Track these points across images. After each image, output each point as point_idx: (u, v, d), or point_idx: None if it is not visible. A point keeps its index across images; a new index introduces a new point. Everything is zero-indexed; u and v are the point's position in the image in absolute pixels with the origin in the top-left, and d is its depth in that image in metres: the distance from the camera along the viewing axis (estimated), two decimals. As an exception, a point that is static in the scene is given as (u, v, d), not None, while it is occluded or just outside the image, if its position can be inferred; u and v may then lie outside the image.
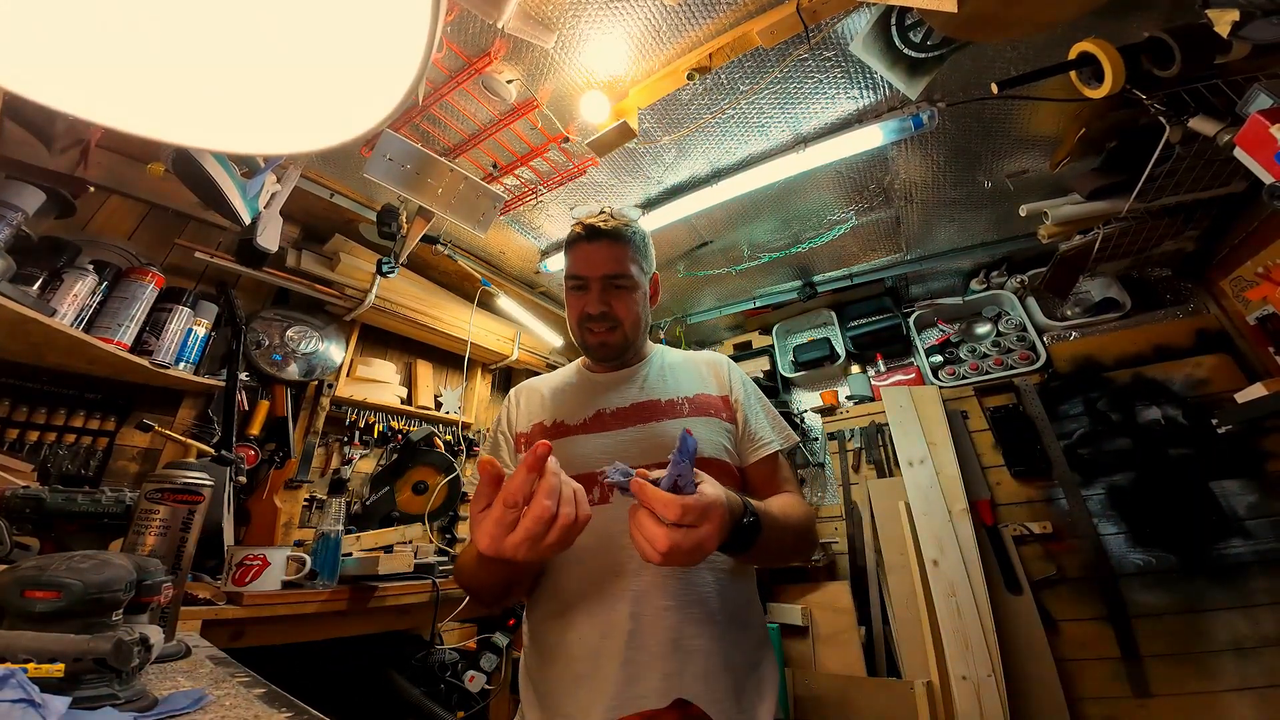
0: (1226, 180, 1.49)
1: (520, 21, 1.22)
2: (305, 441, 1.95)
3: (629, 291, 0.96)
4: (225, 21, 0.37)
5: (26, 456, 1.33)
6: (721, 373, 1.02)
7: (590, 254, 0.96)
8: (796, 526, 0.80)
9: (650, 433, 0.90)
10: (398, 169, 1.52)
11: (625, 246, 0.96)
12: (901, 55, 1.30)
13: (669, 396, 0.95)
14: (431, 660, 1.60)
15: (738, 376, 1.03)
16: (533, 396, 1.04)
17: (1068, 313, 2.30)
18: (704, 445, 0.87)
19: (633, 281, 0.96)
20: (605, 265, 0.94)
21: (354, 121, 0.41)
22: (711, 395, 0.97)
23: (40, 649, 0.44)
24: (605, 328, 0.96)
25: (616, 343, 0.97)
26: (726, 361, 1.06)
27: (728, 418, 0.94)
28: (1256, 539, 1.72)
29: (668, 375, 1.01)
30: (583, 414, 0.95)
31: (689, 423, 0.91)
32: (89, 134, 1.35)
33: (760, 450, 0.93)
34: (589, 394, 0.99)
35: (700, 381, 1.00)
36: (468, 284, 2.39)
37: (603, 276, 0.94)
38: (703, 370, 1.03)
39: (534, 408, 1.02)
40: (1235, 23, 1.03)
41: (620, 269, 0.95)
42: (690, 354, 1.09)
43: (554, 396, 1.02)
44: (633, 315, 0.97)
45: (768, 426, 0.96)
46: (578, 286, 0.97)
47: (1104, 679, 1.78)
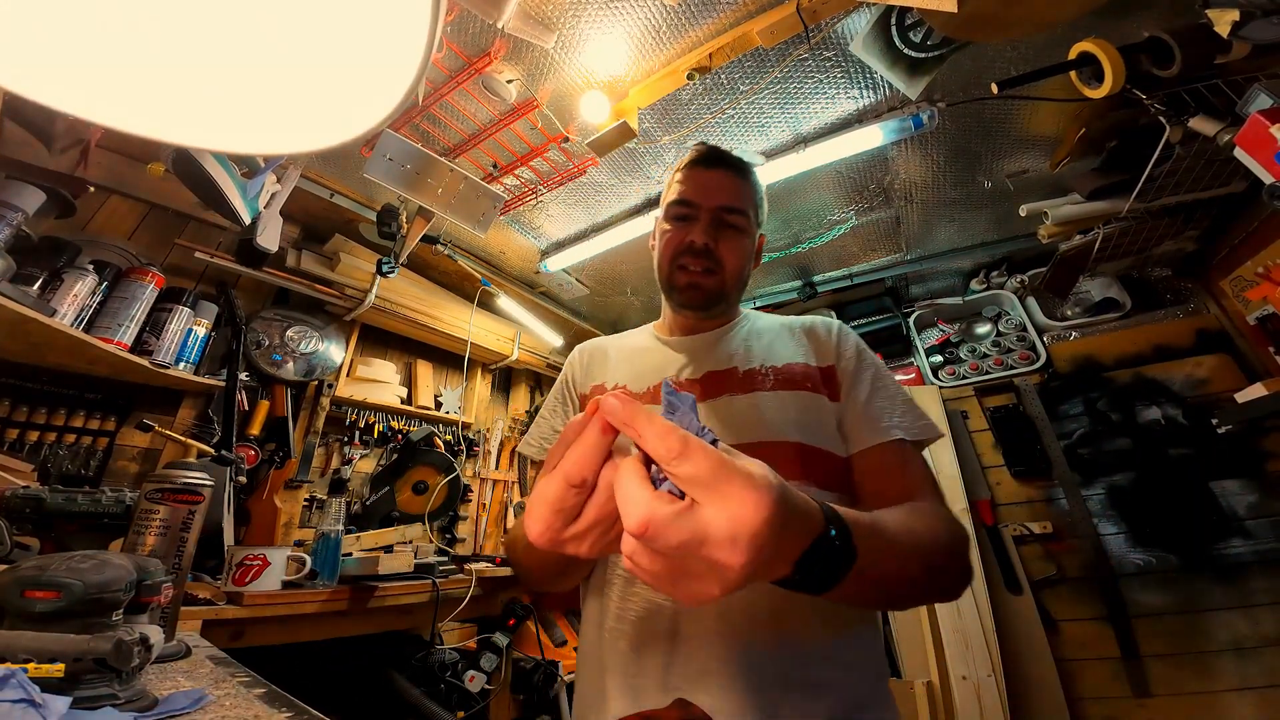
0: (1226, 180, 1.49)
1: (520, 21, 1.22)
2: (305, 441, 1.95)
3: (740, 234, 0.82)
4: (225, 21, 0.37)
5: (26, 456, 1.33)
6: (825, 338, 0.82)
7: (707, 180, 0.83)
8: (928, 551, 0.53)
9: (724, 410, 0.74)
10: (398, 169, 1.53)
11: (747, 183, 0.84)
12: (901, 55, 1.30)
13: (750, 366, 0.78)
14: (431, 660, 1.60)
15: (851, 343, 0.81)
16: (596, 355, 0.92)
17: (1068, 313, 2.30)
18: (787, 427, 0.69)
19: (747, 222, 0.83)
20: (722, 195, 0.81)
21: (354, 121, 0.40)
22: (808, 365, 0.78)
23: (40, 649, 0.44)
24: (703, 267, 0.81)
25: (711, 288, 0.81)
26: (837, 325, 0.84)
27: (830, 394, 0.74)
28: (1256, 539, 1.72)
29: (753, 341, 0.84)
30: (648, 380, 0.82)
31: (770, 398, 0.73)
32: (89, 134, 1.35)
33: (874, 435, 0.69)
34: (659, 358, 0.85)
35: (795, 348, 0.81)
36: (468, 284, 2.39)
37: (717, 208, 0.81)
38: (799, 335, 0.84)
39: (595, 367, 0.89)
40: (1235, 23, 1.03)
41: (738, 204, 0.82)
42: (789, 318, 0.89)
43: (620, 357, 0.89)
44: (737, 262, 0.82)
45: (889, 409, 0.72)
46: (683, 216, 0.83)
47: (1104, 679, 1.78)
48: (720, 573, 0.31)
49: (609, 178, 1.88)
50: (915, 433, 0.70)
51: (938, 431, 0.73)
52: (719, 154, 0.85)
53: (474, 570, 1.86)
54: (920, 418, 0.73)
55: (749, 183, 0.85)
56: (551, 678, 1.86)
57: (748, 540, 0.30)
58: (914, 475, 0.67)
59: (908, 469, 0.68)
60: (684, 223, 0.83)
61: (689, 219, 0.82)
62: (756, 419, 0.71)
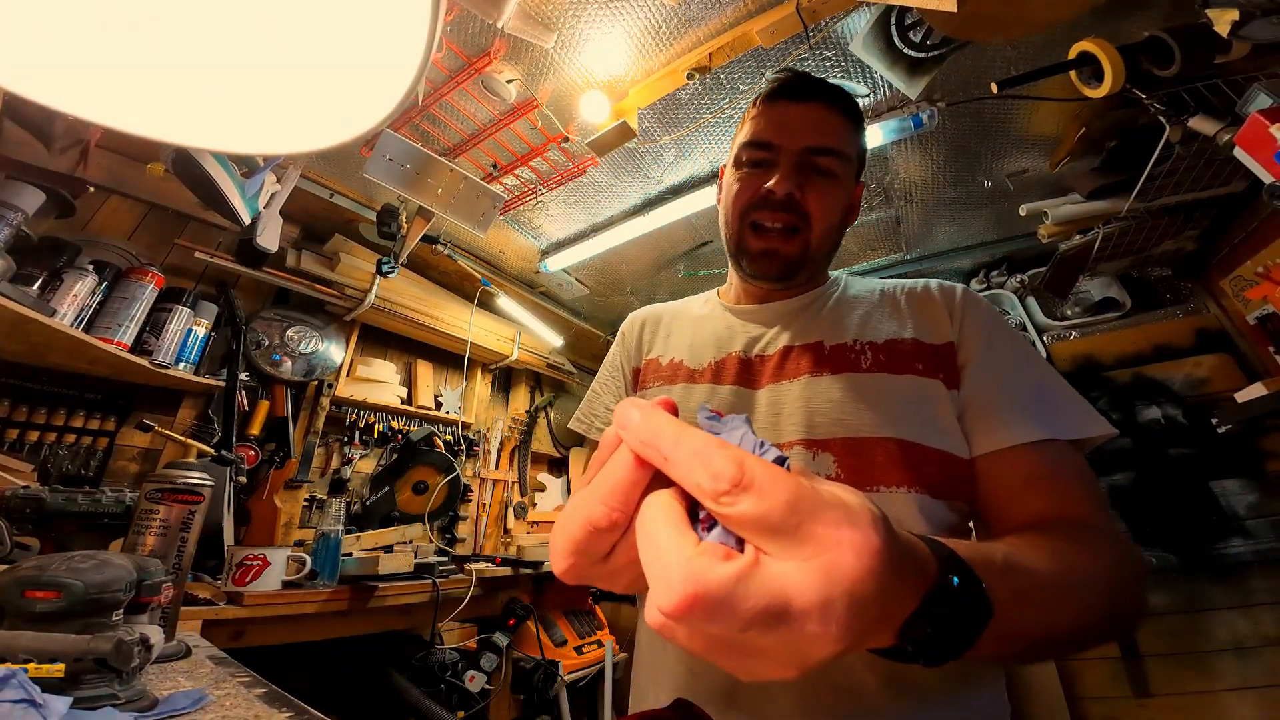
0: (1226, 180, 1.49)
1: (520, 21, 1.21)
2: (305, 441, 1.95)
3: (834, 182, 0.64)
4: (225, 21, 0.37)
5: (26, 456, 1.33)
6: (943, 306, 0.63)
7: (792, 115, 0.64)
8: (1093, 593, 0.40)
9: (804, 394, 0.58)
10: (397, 169, 1.52)
11: (845, 119, 0.65)
12: (901, 55, 1.30)
13: (840, 340, 0.62)
14: (432, 660, 1.60)
15: (980, 313, 0.62)
16: (650, 323, 0.79)
17: (1068, 312, 2.30)
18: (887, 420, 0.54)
19: (845, 167, 0.64)
20: (811, 134, 0.63)
21: (354, 121, 0.40)
22: (919, 341, 0.60)
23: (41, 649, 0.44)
24: (785, 224, 0.63)
25: (793, 255, 0.64)
26: (960, 289, 0.65)
27: (948, 379, 0.57)
28: (1257, 538, 1.72)
29: (845, 310, 0.66)
30: (711, 355, 0.67)
31: (867, 381, 0.57)
32: (89, 134, 1.35)
33: (1011, 433, 0.51)
34: (724, 329, 0.70)
35: (902, 319, 0.63)
36: (468, 284, 2.39)
37: (804, 149, 0.63)
38: (909, 303, 0.65)
39: (653, 336, 0.76)
40: (1235, 22, 1.02)
41: (830, 142, 0.63)
42: (894, 282, 0.70)
43: (678, 325, 0.75)
44: (829, 218, 0.64)
45: (1033, 398, 0.54)
46: (760, 161, 0.65)
47: (1104, 678, 1.78)
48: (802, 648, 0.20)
49: (609, 178, 1.88)
50: (1073, 429, 0.52)
51: (1108, 427, 0.53)
52: (809, 81, 0.66)
53: (474, 570, 1.86)
54: (1081, 409, 0.54)
55: (849, 119, 0.66)
56: (551, 677, 1.86)
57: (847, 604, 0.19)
58: (1070, 487, 0.50)
59: (1061, 479, 0.50)
60: (760, 169, 0.65)
61: (768, 163, 0.64)
62: (847, 408, 0.56)
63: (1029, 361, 0.58)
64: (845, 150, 0.65)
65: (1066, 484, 0.50)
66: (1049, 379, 0.57)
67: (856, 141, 0.68)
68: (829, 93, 0.66)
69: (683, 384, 0.66)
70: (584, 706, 2.14)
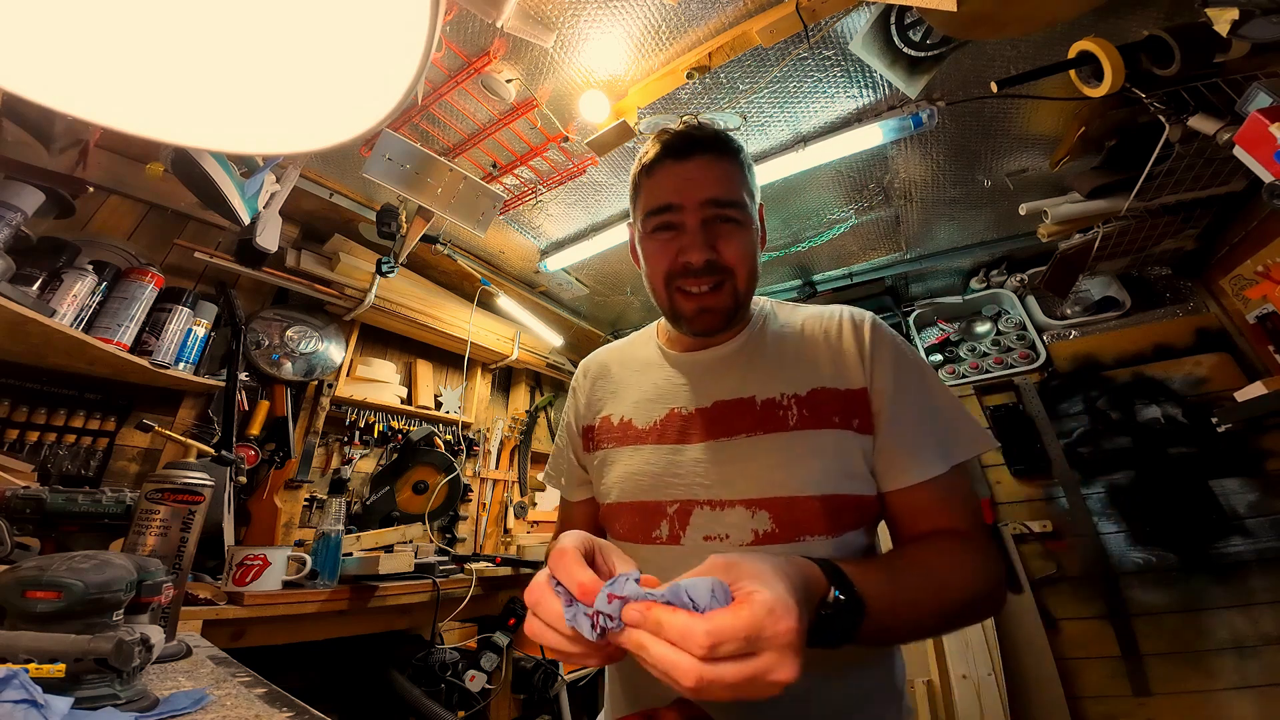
0: (1226, 179, 1.49)
1: (519, 21, 1.21)
2: (305, 441, 1.95)
3: (743, 229, 0.68)
4: (224, 21, 0.36)
5: (26, 457, 1.33)
6: (854, 347, 0.68)
7: (685, 174, 0.67)
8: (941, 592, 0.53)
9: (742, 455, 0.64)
10: (397, 169, 1.52)
11: (735, 164, 0.69)
12: (901, 54, 1.30)
13: (770, 394, 0.67)
14: (432, 660, 1.60)
15: (886, 352, 0.68)
16: (600, 376, 0.82)
17: (1067, 311, 2.30)
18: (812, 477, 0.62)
19: (746, 212, 0.68)
20: (710, 187, 0.66)
21: (353, 121, 0.40)
22: (835, 390, 0.66)
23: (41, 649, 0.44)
24: (710, 284, 0.66)
25: (724, 307, 0.68)
26: (870, 326, 0.70)
27: (861, 425, 0.64)
28: (1256, 537, 1.72)
29: (772, 352, 0.71)
30: (654, 414, 0.71)
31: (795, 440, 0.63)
32: (88, 134, 1.34)
33: (910, 474, 0.62)
34: (665, 382, 0.74)
35: (820, 364, 0.68)
36: (467, 284, 2.39)
37: (705, 203, 0.66)
38: (829, 344, 0.70)
39: (603, 390, 0.80)
40: (1234, 21, 1.03)
41: (730, 193, 0.67)
42: (813, 314, 0.74)
43: (624, 376, 0.80)
44: (748, 264, 0.68)
45: (928, 435, 0.63)
46: (665, 224, 0.68)
47: (1104, 677, 1.79)
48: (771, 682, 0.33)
49: (608, 177, 1.88)
50: (960, 454, 0.63)
51: (989, 443, 0.66)
52: (690, 136, 0.68)
53: (474, 570, 1.86)
54: (965, 431, 0.65)
55: (735, 160, 0.69)
56: (552, 677, 1.86)
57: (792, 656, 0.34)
58: (952, 509, 0.62)
59: (946, 504, 0.62)
60: (669, 233, 0.68)
61: (675, 226, 0.67)
62: (780, 472, 0.63)
63: (928, 398, 0.67)
64: (742, 197, 0.68)
65: (950, 506, 0.62)
66: (944, 408, 0.67)
67: (748, 179, 0.71)
68: (711, 143, 0.68)
69: (631, 445, 0.72)
70: (584, 706, 2.14)
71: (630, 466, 0.70)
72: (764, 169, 1.74)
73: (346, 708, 1.55)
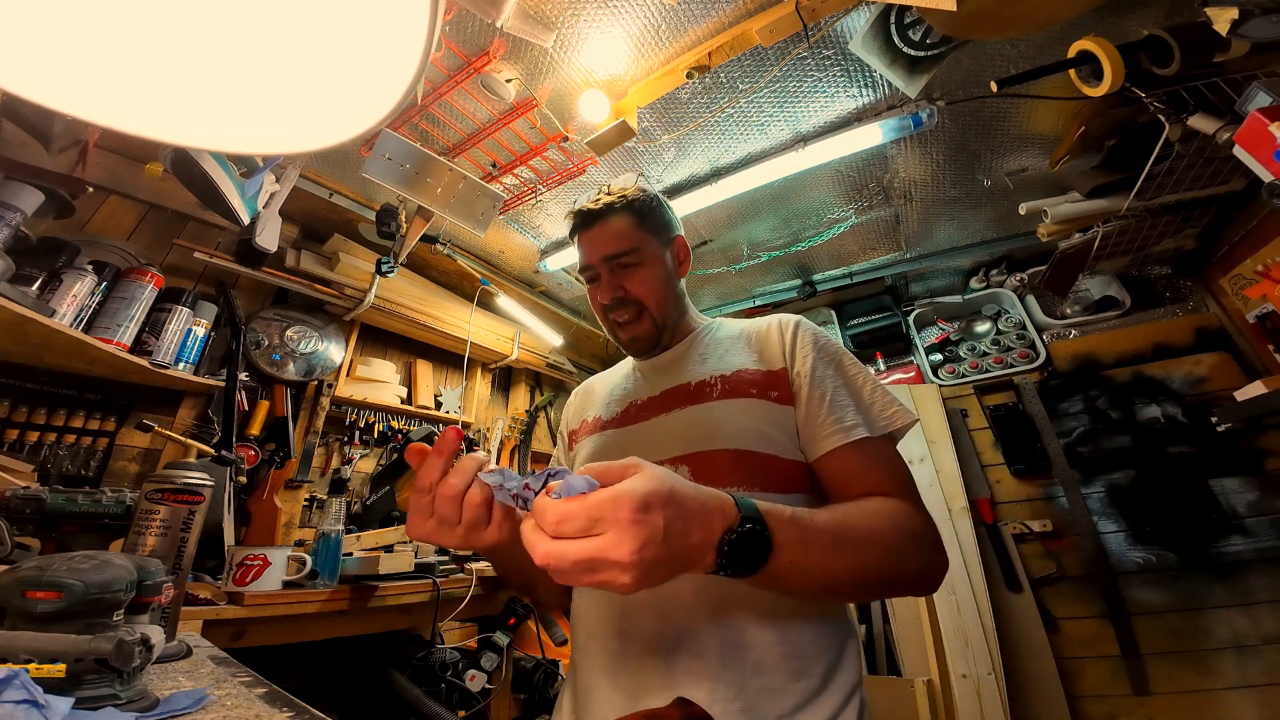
0: (1226, 178, 1.49)
1: (519, 20, 1.21)
2: (305, 441, 1.95)
3: (640, 267, 0.85)
4: (223, 21, 0.36)
5: (26, 457, 1.33)
6: (778, 339, 0.81)
7: (590, 239, 0.88)
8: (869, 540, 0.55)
9: (671, 425, 0.77)
10: (397, 168, 1.52)
11: (624, 218, 0.87)
12: (901, 53, 1.30)
13: (701, 377, 0.80)
14: (432, 660, 1.60)
15: (806, 341, 0.78)
16: (587, 392, 1.00)
17: (1067, 311, 2.30)
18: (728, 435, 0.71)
19: (641, 255, 0.86)
20: (605, 245, 0.86)
21: (353, 121, 0.40)
22: (757, 370, 0.78)
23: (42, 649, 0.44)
24: (628, 316, 0.85)
25: (647, 332, 0.86)
26: (795, 324, 0.82)
27: (780, 397, 0.74)
28: (1256, 537, 1.72)
29: (710, 352, 0.86)
30: (618, 407, 0.87)
31: (717, 407, 0.75)
32: (87, 134, 1.34)
33: (832, 438, 0.68)
34: (631, 385, 0.90)
35: (746, 354, 0.82)
36: (467, 283, 2.39)
37: (604, 258, 0.86)
38: (754, 340, 0.84)
39: (585, 403, 0.97)
40: (1234, 21, 1.03)
41: (621, 245, 0.85)
42: (751, 322, 0.89)
43: (604, 391, 0.95)
44: (654, 292, 0.86)
45: (849, 406, 0.70)
46: (590, 278, 0.90)
47: (1104, 677, 1.79)
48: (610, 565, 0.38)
49: (608, 177, 1.88)
50: (880, 427, 0.69)
51: (908, 417, 0.71)
52: (588, 213, 0.89)
53: (474, 570, 1.86)
54: (886, 407, 0.71)
55: (630, 214, 0.87)
56: (552, 676, 1.86)
57: (632, 544, 0.37)
58: (878, 473, 0.66)
59: (871, 468, 0.67)
60: (594, 285, 0.89)
61: (595, 279, 0.88)
62: (701, 429, 0.74)
63: (849, 375, 0.75)
64: (635, 245, 0.85)
65: (875, 470, 0.67)
66: (865, 385, 0.74)
67: (648, 223, 0.88)
68: (603, 211, 0.87)
69: (598, 433, 0.86)
70: (584, 705, 2.14)
71: (594, 447, 0.84)
72: (764, 169, 1.75)
73: (347, 708, 1.55)
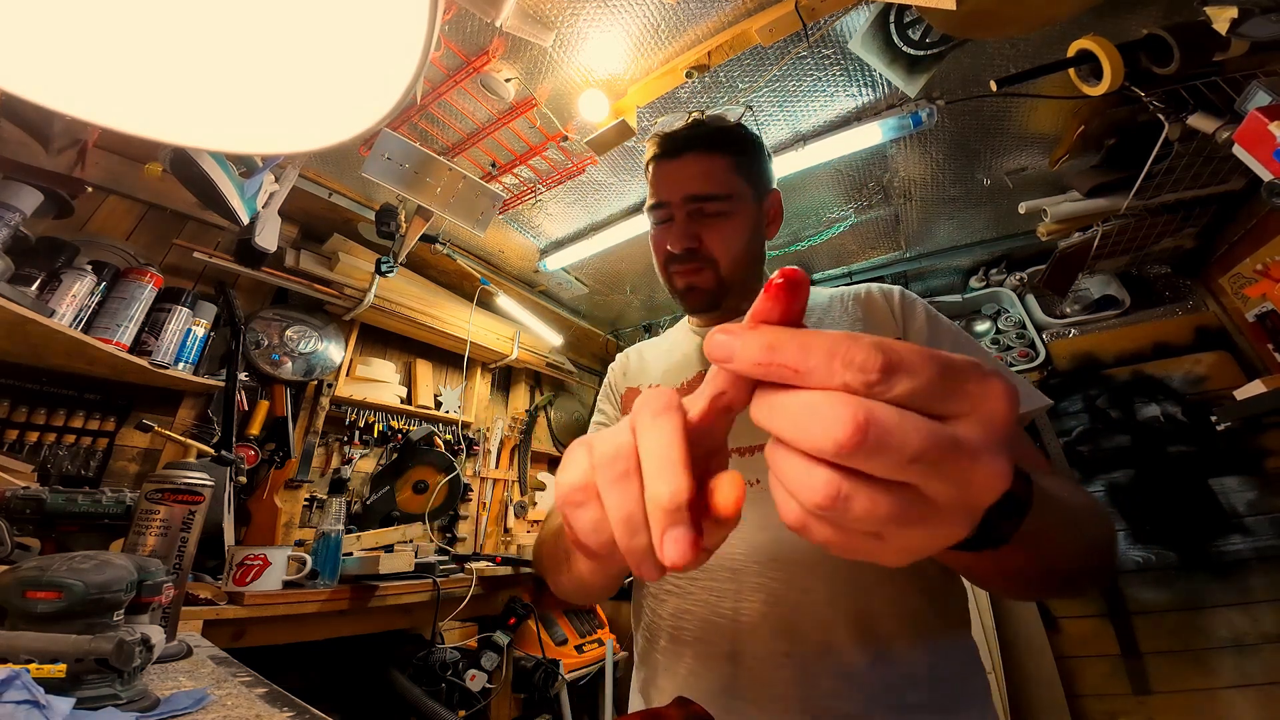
0: (1225, 177, 1.49)
1: (518, 20, 1.21)
2: (305, 441, 1.95)
3: (727, 219, 0.71)
4: (222, 21, 0.36)
5: (26, 457, 1.33)
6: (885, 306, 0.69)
7: (671, 172, 0.73)
8: (1086, 521, 0.43)
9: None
10: (396, 168, 1.52)
11: (722, 156, 0.73)
12: (900, 53, 1.30)
13: None
14: (433, 659, 1.60)
15: (919, 310, 0.68)
16: (633, 359, 0.87)
17: (1067, 310, 2.30)
18: None
19: (731, 204, 0.71)
20: (691, 184, 0.72)
21: (352, 121, 0.40)
22: None
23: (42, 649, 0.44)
24: (693, 269, 0.72)
25: (707, 284, 0.72)
26: (899, 291, 0.71)
27: None
28: (1256, 536, 1.72)
29: None
30: (682, 377, 0.74)
31: None
32: (87, 134, 1.34)
33: None
34: (693, 350, 0.78)
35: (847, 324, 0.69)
36: (467, 283, 2.39)
37: (686, 199, 0.71)
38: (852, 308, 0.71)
39: (633, 371, 0.85)
40: (1233, 20, 1.03)
41: (710, 187, 0.71)
42: (838, 290, 0.76)
43: (655, 355, 0.84)
44: (731, 250, 0.71)
45: None
46: (660, 219, 0.75)
47: (1104, 676, 1.79)
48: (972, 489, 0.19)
49: (608, 176, 1.88)
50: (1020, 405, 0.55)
51: (1044, 399, 0.59)
52: (679, 136, 0.74)
53: (474, 569, 1.86)
54: (1021, 385, 0.58)
55: (729, 152, 0.74)
56: (552, 676, 1.86)
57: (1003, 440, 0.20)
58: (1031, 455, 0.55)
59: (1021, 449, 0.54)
60: (663, 226, 0.75)
61: (666, 220, 0.74)
62: None
63: (970, 349, 0.64)
64: (726, 190, 0.72)
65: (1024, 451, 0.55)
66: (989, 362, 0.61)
67: (746, 167, 0.75)
68: (700, 141, 0.73)
69: None
70: (585, 705, 2.14)
71: None
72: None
73: (347, 707, 1.55)
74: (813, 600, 0.53)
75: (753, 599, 0.54)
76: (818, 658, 0.51)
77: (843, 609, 0.52)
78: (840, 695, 0.49)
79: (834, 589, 0.47)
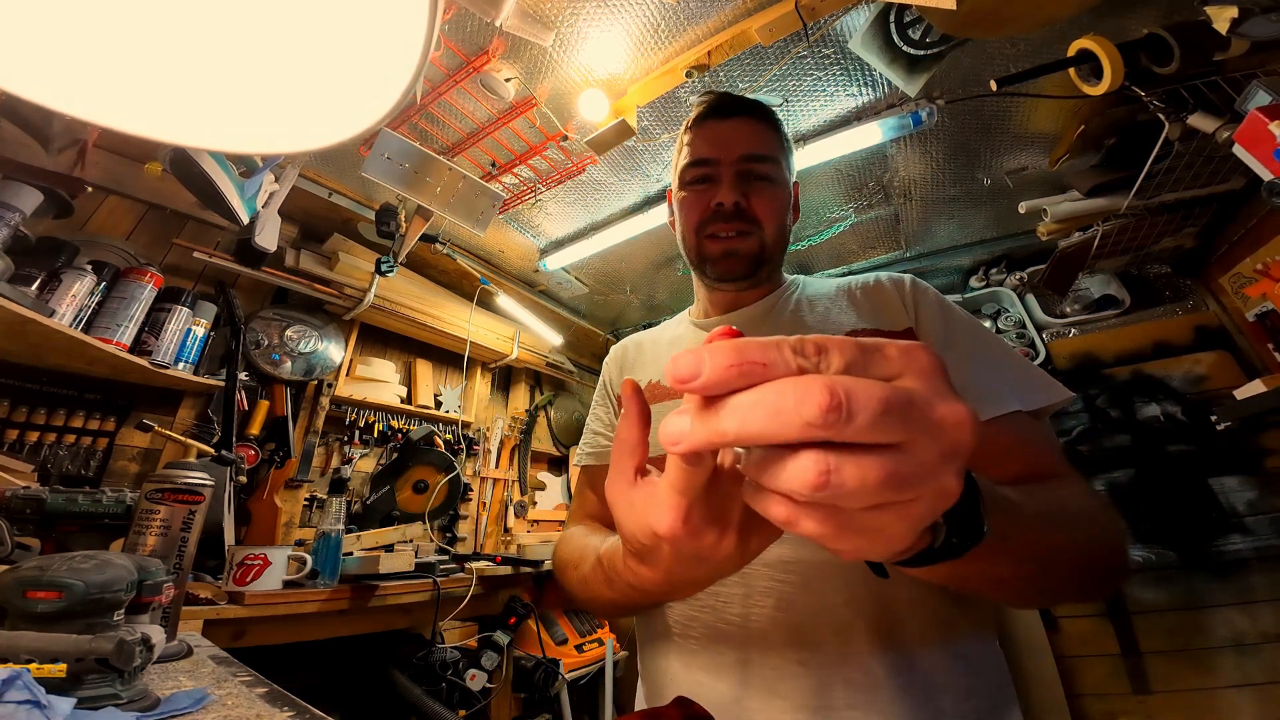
0: (1225, 177, 1.49)
1: (518, 19, 1.21)
2: (305, 441, 1.95)
3: (771, 184, 0.70)
4: (222, 20, 0.36)
5: (26, 457, 1.33)
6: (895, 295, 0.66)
7: (724, 131, 0.70)
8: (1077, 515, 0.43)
9: None
10: (396, 168, 1.52)
11: (771, 129, 0.73)
12: (900, 52, 1.30)
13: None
14: (433, 659, 1.60)
15: (931, 299, 0.65)
16: (630, 351, 0.84)
17: (1067, 310, 2.30)
18: None
19: (779, 170, 0.71)
20: (746, 142, 0.69)
21: (352, 120, 0.40)
22: (879, 330, 0.63)
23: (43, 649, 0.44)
24: (736, 230, 0.68)
25: (750, 252, 0.68)
26: (909, 279, 0.68)
27: None
28: (1256, 535, 1.72)
29: (805, 310, 0.69)
30: None
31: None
32: (86, 134, 1.34)
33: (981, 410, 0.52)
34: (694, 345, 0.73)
35: (860, 312, 0.65)
36: (467, 283, 2.39)
37: (741, 158, 0.69)
38: (861, 296, 0.68)
39: (633, 362, 0.81)
40: (1234, 19, 1.03)
41: (762, 148, 0.70)
42: (847, 279, 0.73)
43: (654, 350, 0.80)
44: (776, 219, 0.69)
45: (996, 373, 0.56)
46: (702, 177, 0.71)
47: (1104, 675, 1.79)
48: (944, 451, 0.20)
49: (608, 176, 1.88)
50: (1037, 400, 0.54)
51: (1065, 392, 0.56)
52: (733, 99, 0.73)
53: (475, 569, 1.86)
54: (1039, 377, 0.57)
55: (777, 128, 0.73)
56: (552, 676, 1.86)
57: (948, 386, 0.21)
58: (1040, 450, 0.52)
59: (1030, 445, 0.52)
60: (704, 185, 0.71)
61: (710, 179, 0.70)
62: None
63: (985, 340, 0.61)
64: (777, 156, 0.71)
65: (1036, 448, 0.53)
66: (1005, 355, 0.60)
67: (784, 149, 0.74)
68: (753, 108, 0.73)
69: (660, 402, 0.68)
70: (585, 705, 2.14)
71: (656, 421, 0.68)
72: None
73: (347, 707, 1.55)
74: (829, 604, 0.50)
75: (763, 604, 0.52)
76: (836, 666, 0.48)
77: (862, 613, 0.49)
78: (861, 707, 0.46)
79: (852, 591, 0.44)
